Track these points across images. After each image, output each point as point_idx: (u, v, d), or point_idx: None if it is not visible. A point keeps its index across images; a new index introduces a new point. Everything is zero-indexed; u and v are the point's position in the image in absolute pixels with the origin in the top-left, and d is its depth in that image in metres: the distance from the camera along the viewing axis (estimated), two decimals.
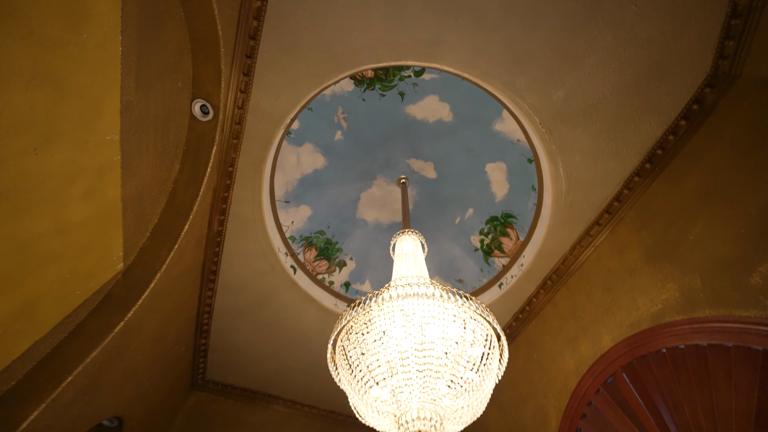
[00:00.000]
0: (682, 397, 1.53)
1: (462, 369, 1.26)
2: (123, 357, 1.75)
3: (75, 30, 1.04)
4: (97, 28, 1.11)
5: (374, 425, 1.23)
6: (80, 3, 1.01)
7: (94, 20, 1.08)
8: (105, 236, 1.51)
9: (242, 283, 2.64)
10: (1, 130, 0.95)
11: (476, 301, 1.40)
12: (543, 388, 2.30)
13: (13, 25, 0.89)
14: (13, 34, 0.90)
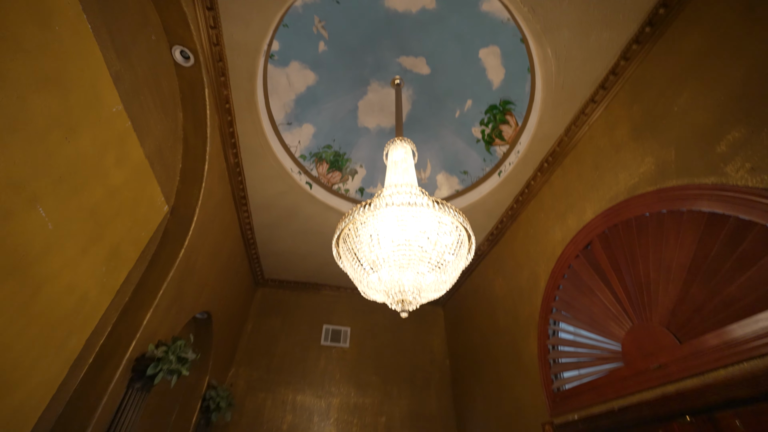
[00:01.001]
0: (639, 257, 1.80)
1: (437, 254, 1.58)
2: (193, 272, 2.31)
3: (46, 27, 1.15)
4: (62, 17, 1.20)
5: (372, 299, 1.65)
6: (38, 1, 1.10)
7: (55, 10, 1.17)
8: (145, 190, 1.85)
9: (269, 202, 3.05)
10: (37, 130, 1.19)
11: (451, 206, 1.63)
12: (536, 257, 2.67)
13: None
14: (2, 49, 1.05)
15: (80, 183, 1.42)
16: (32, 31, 1.11)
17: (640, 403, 1.64)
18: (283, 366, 3.55)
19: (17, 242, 1.19)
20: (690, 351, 1.48)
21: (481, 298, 3.47)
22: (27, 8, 1.08)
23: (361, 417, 3.42)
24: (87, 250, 1.51)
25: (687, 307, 1.53)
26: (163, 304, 1.93)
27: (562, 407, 2.13)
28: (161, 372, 1.71)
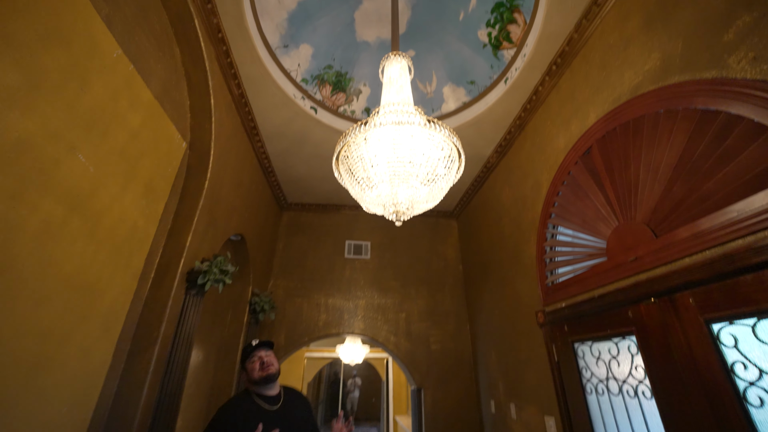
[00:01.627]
0: (632, 160, 1.83)
1: (429, 170, 1.70)
2: (220, 201, 2.59)
3: None
4: None
5: (373, 212, 1.85)
6: None
7: None
8: (161, 129, 2.02)
9: (278, 131, 3.16)
10: (55, 85, 1.34)
11: (442, 124, 1.68)
12: (540, 166, 2.72)
13: None
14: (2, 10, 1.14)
15: (104, 129, 1.61)
16: None
17: (616, 290, 1.86)
18: (314, 276, 4.08)
19: (71, 185, 1.44)
20: (663, 244, 1.62)
21: (490, 208, 3.63)
22: None
23: (384, 314, 3.99)
24: (126, 187, 1.77)
25: (667, 205, 1.62)
26: (199, 229, 2.25)
27: (553, 297, 2.42)
28: (209, 281, 2.11)
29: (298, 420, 1.70)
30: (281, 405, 1.70)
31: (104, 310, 1.65)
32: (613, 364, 1.91)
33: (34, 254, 1.29)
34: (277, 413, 1.65)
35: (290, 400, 1.76)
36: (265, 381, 1.68)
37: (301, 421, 1.71)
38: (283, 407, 1.69)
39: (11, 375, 1.22)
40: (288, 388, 1.82)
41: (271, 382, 1.70)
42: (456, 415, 3.58)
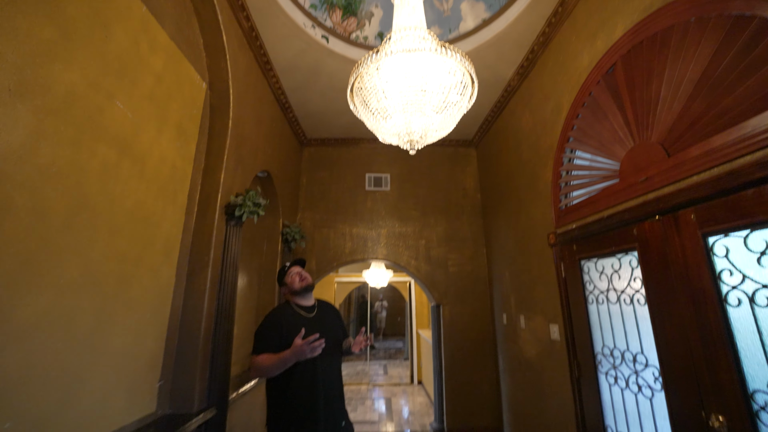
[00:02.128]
0: (654, 75, 1.75)
1: (442, 98, 1.73)
2: (245, 139, 2.73)
3: None
4: None
5: (388, 142, 1.93)
6: None
7: None
8: (182, 70, 2.09)
9: (292, 64, 3.12)
10: (85, 34, 1.42)
11: (456, 49, 1.65)
12: (561, 87, 2.61)
13: None
14: None
15: (132, 75, 1.71)
16: None
17: (624, 210, 1.94)
18: (338, 208, 4.33)
19: (116, 131, 1.61)
20: (674, 163, 1.64)
21: (510, 135, 3.57)
22: None
23: (405, 241, 4.27)
24: (161, 130, 1.93)
25: (684, 123, 1.60)
26: (230, 166, 2.44)
27: (564, 220, 2.53)
28: (245, 213, 2.36)
29: (330, 325, 2.04)
30: (316, 313, 2.04)
31: (162, 238, 1.94)
32: (615, 278, 2.07)
33: (101, 192, 1.52)
34: (313, 319, 1.99)
35: (323, 309, 2.10)
36: (305, 290, 1.99)
37: (333, 326, 2.06)
38: (318, 314, 2.03)
39: (106, 290, 1.55)
40: (321, 300, 2.15)
41: (309, 292, 2.02)
42: (471, 326, 4.01)
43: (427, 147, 4.53)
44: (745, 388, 1.33)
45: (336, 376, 1.99)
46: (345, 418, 2.00)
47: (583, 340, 2.31)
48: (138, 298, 1.74)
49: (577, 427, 2.34)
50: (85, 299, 1.44)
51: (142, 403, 1.77)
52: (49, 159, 1.29)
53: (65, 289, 1.35)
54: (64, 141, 1.35)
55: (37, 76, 1.24)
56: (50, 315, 1.29)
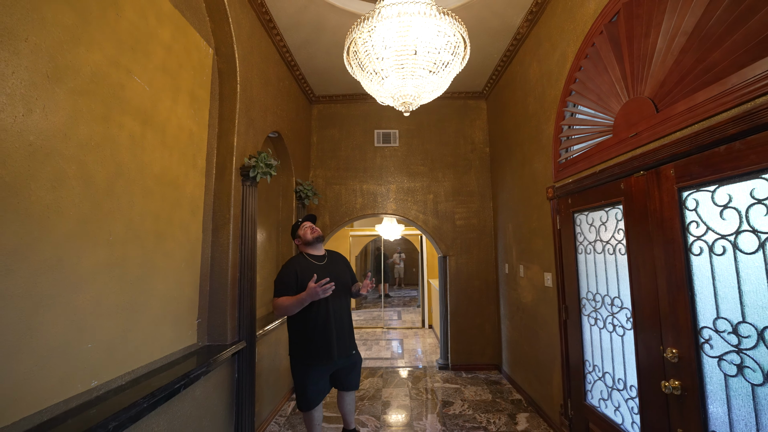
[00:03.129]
0: (653, 26, 1.72)
1: (435, 60, 1.78)
2: (254, 101, 2.85)
3: None
4: None
5: (384, 103, 2.01)
6: None
7: None
8: (189, 38, 2.19)
9: (294, 20, 3.11)
10: (98, 14, 1.54)
11: (447, 11, 1.67)
12: (568, 36, 2.53)
13: None
14: None
15: (144, 49, 1.84)
16: None
17: (614, 164, 2.01)
18: (349, 165, 4.48)
19: (138, 104, 1.78)
20: (661, 119, 1.68)
21: (518, 86, 3.51)
22: None
23: (414, 196, 4.43)
24: (176, 99, 2.09)
25: (673, 77, 1.62)
26: (241, 130, 2.61)
27: (562, 174, 2.61)
28: (258, 174, 2.57)
29: (339, 271, 2.42)
30: (326, 261, 2.43)
31: (188, 198, 2.20)
32: (602, 229, 2.20)
33: (132, 161, 1.75)
34: (323, 266, 2.38)
35: (332, 258, 2.49)
36: (316, 241, 2.41)
37: (341, 272, 2.44)
38: (327, 262, 2.45)
39: (146, 244, 1.83)
40: (330, 251, 2.52)
41: (319, 243, 2.45)
42: (476, 276, 4.28)
43: (435, 101, 4.49)
44: (696, 325, 1.51)
45: (345, 314, 2.38)
46: (354, 348, 2.40)
47: (572, 287, 2.51)
48: (173, 251, 2.04)
49: (562, 361, 2.63)
50: (132, 251, 1.74)
51: (185, 336, 2.15)
52: (87, 134, 1.50)
53: (115, 244, 1.64)
54: (97, 117, 1.55)
55: (67, 60, 1.40)
56: (107, 264, 1.59)
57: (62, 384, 1.37)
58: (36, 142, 1.29)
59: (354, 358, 2.42)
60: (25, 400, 1.23)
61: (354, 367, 2.44)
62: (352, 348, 2.40)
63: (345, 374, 2.40)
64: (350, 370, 2.41)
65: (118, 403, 1.46)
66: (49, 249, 1.33)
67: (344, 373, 2.40)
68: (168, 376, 1.76)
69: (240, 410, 2.40)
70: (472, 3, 2.91)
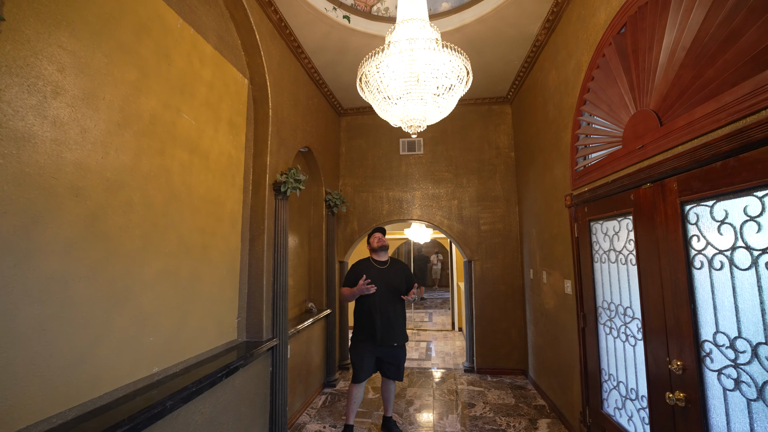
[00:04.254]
0: (656, 41, 1.73)
1: (440, 86, 1.93)
2: (284, 122, 3.16)
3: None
4: None
5: (393, 124, 2.19)
6: None
7: None
8: (227, 75, 2.52)
9: (320, 45, 3.38)
10: (154, 66, 1.89)
11: (457, 48, 1.82)
12: (582, 45, 2.54)
13: None
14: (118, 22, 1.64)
15: (191, 89, 2.18)
16: None
17: (624, 175, 2.03)
18: (375, 173, 4.70)
19: (186, 137, 2.12)
20: (664, 132, 1.70)
21: (539, 92, 3.51)
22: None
23: (438, 201, 4.55)
24: (217, 129, 2.43)
25: (675, 92, 1.63)
26: (273, 149, 2.92)
27: (579, 182, 2.62)
28: (288, 189, 2.86)
29: (392, 275, 2.94)
30: (386, 267, 3.00)
31: (228, 213, 2.53)
32: (615, 239, 2.21)
33: (182, 185, 2.09)
34: (381, 270, 2.96)
35: (393, 265, 3.05)
36: (379, 249, 3.00)
37: (394, 277, 2.94)
38: (387, 268, 2.99)
39: (194, 254, 2.17)
40: (394, 258, 3.14)
41: (382, 251, 3.03)
42: (501, 280, 4.30)
43: (459, 108, 4.58)
44: (698, 338, 1.53)
45: (392, 310, 2.86)
46: (398, 341, 2.86)
47: (589, 295, 2.52)
48: (216, 259, 2.38)
49: (580, 369, 2.64)
50: (183, 261, 2.08)
51: (227, 333, 2.48)
52: (147, 167, 1.84)
53: (170, 255, 1.98)
54: (155, 152, 1.89)
55: (132, 109, 1.75)
56: (164, 272, 1.93)
57: (132, 369, 1.71)
58: (111, 177, 1.63)
59: (396, 350, 2.87)
60: (105, 380, 1.57)
61: (395, 359, 2.88)
62: (394, 340, 2.83)
63: (387, 363, 2.88)
64: (394, 359, 2.88)
65: (173, 386, 1.79)
66: (122, 261, 1.68)
67: (386, 362, 2.88)
68: (212, 366, 2.08)
69: (274, 399, 2.70)
70: (486, 17, 2.99)
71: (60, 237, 1.40)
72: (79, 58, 1.49)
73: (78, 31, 1.50)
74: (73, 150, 1.47)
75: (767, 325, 1.24)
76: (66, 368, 1.41)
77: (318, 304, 4.05)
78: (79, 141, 1.49)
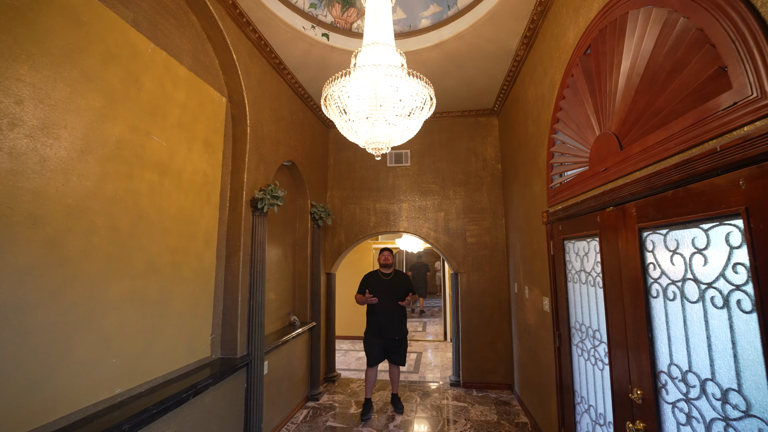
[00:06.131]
0: (615, 65, 1.73)
1: (404, 110, 1.94)
2: (264, 139, 3.19)
3: (77, 25, 1.68)
4: (77, 7, 1.69)
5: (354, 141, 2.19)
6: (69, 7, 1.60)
7: (76, 5, 1.66)
8: (203, 95, 2.55)
9: (301, 62, 3.42)
10: (121, 93, 1.92)
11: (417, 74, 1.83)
12: (555, 63, 2.53)
13: None
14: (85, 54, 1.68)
15: (162, 111, 2.21)
16: (66, 29, 1.68)
17: (590, 197, 2.01)
18: (363, 185, 4.72)
19: (156, 158, 2.15)
20: (623, 156, 1.68)
21: (520, 107, 3.50)
22: (60, 12, 1.62)
23: (425, 213, 4.55)
24: (191, 148, 2.46)
25: (631, 117, 1.62)
26: (252, 166, 2.94)
27: (554, 200, 2.60)
28: (265, 205, 2.88)
29: (394, 286, 3.72)
30: (389, 278, 3.77)
31: (203, 231, 2.55)
32: (585, 259, 2.19)
33: (152, 206, 2.12)
34: (385, 281, 3.75)
35: (396, 276, 3.81)
36: (383, 266, 3.82)
37: (396, 287, 3.72)
38: (390, 279, 3.77)
39: (164, 274, 2.19)
40: (397, 270, 3.89)
41: (387, 267, 3.82)
42: (487, 293, 4.28)
43: (446, 119, 4.59)
44: (655, 368, 1.50)
45: (392, 314, 3.66)
46: (399, 335, 3.68)
47: (563, 314, 2.49)
48: (189, 278, 2.40)
49: (556, 388, 2.61)
50: (151, 281, 2.10)
51: (199, 350, 2.49)
52: (112, 191, 1.87)
53: (136, 277, 2.00)
54: (121, 176, 1.92)
55: (96, 135, 1.78)
56: (130, 293, 1.95)
57: (92, 391, 1.73)
58: (73, 203, 1.66)
59: (398, 342, 3.67)
60: (63, 403, 1.59)
61: (398, 349, 3.69)
62: (395, 334, 3.64)
63: (392, 352, 3.70)
64: (396, 349, 3.68)
65: (135, 408, 1.80)
66: (84, 285, 1.70)
67: (391, 351, 3.69)
68: (179, 386, 2.09)
69: (249, 416, 2.70)
70: (464, 33, 3.01)
71: (13, 265, 1.42)
72: (38, 90, 1.53)
73: (38, 63, 1.53)
74: (31, 179, 1.50)
75: (713, 361, 1.22)
76: (20, 394, 1.43)
77: (302, 316, 4.05)
78: (38, 170, 1.52)
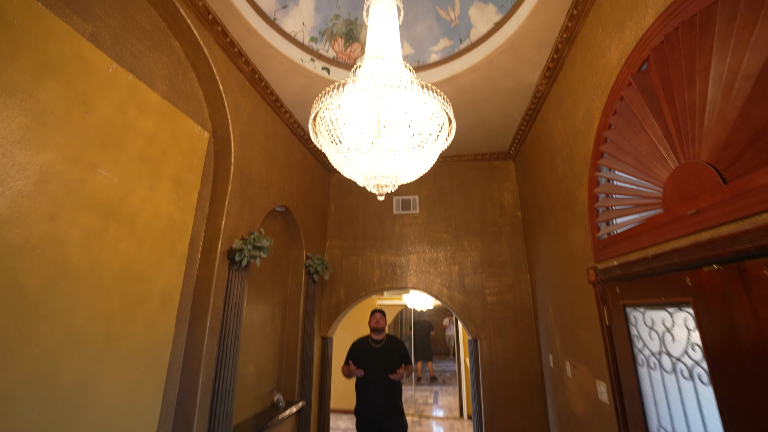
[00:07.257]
0: (697, 72, 1.30)
1: (414, 137, 1.50)
2: (252, 180, 2.77)
3: (9, 27, 1.33)
4: (14, 10, 1.35)
5: (350, 177, 1.71)
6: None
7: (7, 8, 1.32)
8: (179, 126, 2.18)
9: (299, 99, 3.12)
10: (61, 115, 1.53)
11: (433, 88, 1.43)
12: (591, 90, 2.15)
13: None
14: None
15: (119, 141, 1.81)
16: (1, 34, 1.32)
17: (672, 250, 1.47)
18: (366, 234, 4.22)
19: (100, 197, 1.70)
20: (733, 193, 1.17)
21: (543, 146, 3.10)
22: None
23: (436, 267, 3.97)
24: (154, 187, 2.01)
25: (743, 136, 1.14)
26: (233, 210, 2.48)
27: (604, 253, 2.05)
28: (244, 258, 2.36)
29: (387, 356, 3.08)
30: (381, 346, 3.17)
31: (159, 291, 2.01)
32: (667, 338, 1.57)
33: (84, 259, 1.61)
34: (376, 350, 3.14)
35: (388, 342, 3.20)
36: (374, 331, 3.24)
37: (388, 357, 3.07)
38: (381, 347, 3.16)
39: (91, 351, 1.62)
40: (390, 336, 3.29)
41: (378, 332, 3.23)
42: (514, 365, 3.52)
43: (458, 162, 4.21)
44: None
45: (381, 389, 3.00)
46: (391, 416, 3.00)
47: (635, 412, 1.80)
48: (129, 354, 1.81)
49: None
50: (66, 361, 1.52)
51: None
52: (22, 238, 1.38)
53: (43, 356, 1.43)
54: (39, 218, 1.45)
55: (5, 163, 1.34)
56: (26, 381, 1.37)
57: None
58: None
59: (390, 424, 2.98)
60: None
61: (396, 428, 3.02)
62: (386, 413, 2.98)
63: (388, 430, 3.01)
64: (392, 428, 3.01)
65: None
66: None
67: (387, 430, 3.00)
68: None
69: None
70: (478, 66, 2.70)
71: None
72: None
73: None
74: None
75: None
76: None
77: (289, 393, 3.31)
78: None
